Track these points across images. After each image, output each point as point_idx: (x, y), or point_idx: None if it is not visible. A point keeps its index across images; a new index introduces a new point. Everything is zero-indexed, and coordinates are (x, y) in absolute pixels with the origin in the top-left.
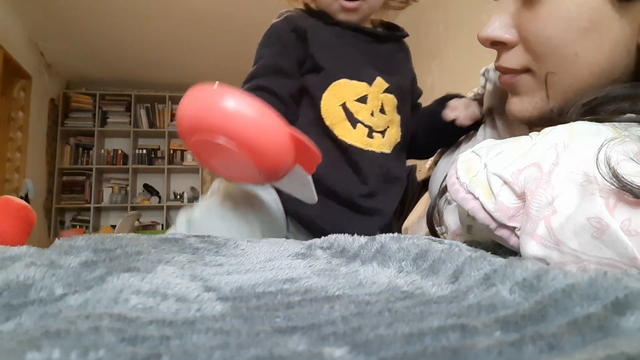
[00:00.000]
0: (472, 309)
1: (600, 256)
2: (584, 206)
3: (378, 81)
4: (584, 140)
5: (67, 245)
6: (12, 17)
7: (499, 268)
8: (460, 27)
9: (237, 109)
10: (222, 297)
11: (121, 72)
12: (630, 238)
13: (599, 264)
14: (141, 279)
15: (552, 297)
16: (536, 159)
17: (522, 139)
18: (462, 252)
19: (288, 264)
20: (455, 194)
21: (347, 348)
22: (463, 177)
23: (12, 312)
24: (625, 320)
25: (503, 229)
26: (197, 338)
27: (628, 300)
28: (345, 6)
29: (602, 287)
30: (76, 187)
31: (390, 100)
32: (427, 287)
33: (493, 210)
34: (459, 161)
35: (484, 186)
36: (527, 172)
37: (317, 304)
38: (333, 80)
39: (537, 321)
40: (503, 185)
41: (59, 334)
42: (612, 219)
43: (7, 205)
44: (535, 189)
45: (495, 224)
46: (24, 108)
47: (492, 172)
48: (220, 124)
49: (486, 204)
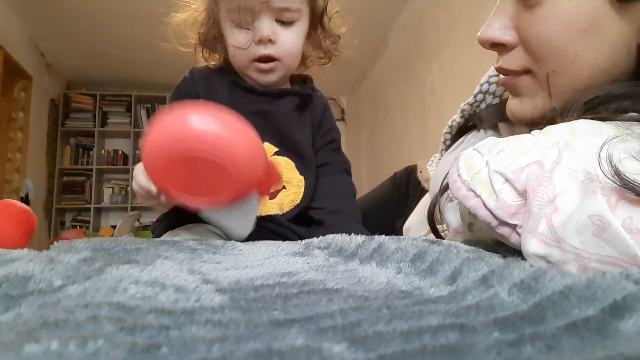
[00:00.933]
0: (470, 309)
1: (601, 254)
2: (586, 204)
3: (265, 145)
4: (586, 138)
5: (66, 245)
6: (13, 17)
7: (497, 269)
8: (460, 28)
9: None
10: (220, 289)
11: (121, 72)
12: (632, 236)
13: (600, 262)
14: (140, 270)
15: (550, 299)
16: (538, 157)
17: (524, 137)
18: (460, 253)
19: (286, 261)
20: (456, 192)
21: (346, 344)
22: (464, 175)
23: (12, 303)
24: (623, 324)
25: (504, 227)
26: (196, 329)
27: (626, 302)
28: (260, 68)
29: (600, 288)
30: (76, 188)
31: (283, 162)
32: (426, 287)
33: (494, 208)
34: (460, 159)
35: (486, 184)
36: (528, 170)
37: (315, 297)
38: None
39: (536, 322)
40: (505, 183)
41: (58, 324)
42: (613, 217)
43: (9, 209)
44: (537, 187)
45: (497, 222)
46: (24, 108)
47: (494, 170)
48: (208, 139)
49: (487, 202)
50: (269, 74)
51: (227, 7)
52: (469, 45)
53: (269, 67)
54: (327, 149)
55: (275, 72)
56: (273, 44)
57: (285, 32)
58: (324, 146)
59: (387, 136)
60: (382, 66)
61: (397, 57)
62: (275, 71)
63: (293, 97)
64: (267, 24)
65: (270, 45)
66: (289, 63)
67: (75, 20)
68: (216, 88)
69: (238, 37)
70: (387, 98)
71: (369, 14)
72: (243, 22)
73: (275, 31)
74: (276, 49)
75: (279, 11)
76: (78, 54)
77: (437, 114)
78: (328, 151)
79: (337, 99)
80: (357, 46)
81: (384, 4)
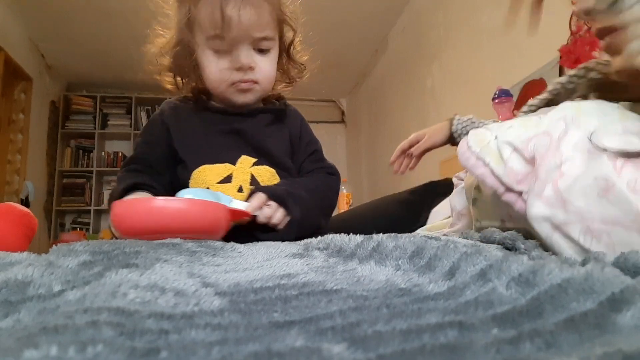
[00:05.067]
0: (469, 306)
1: (604, 214)
2: (592, 167)
3: (243, 158)
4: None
5: (65, 249)
6: (13, 19)
7: (495, 263)
8: (460, 29)
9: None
10: (220, 292)
11: (122, 74)
12: (636, 197)
13: (603, 223)
14: (139, 274)
15: (548, 292)
16: (546, 128)
17: (531, 117)
18: (458, 248)
19: (285, 262)
20: (465, 162)
21: (345, 344)
22: (474, 147)
23: (11, 309)
24: (621, 317)
25: (510, 194)
26: (195, 333)
27: (624, 295)
28: (241, 87)
29: (597, 281)
30: (76, 190)
31: (263, 170)
32: (424, 284)
33: (502, 174)
34: (470, 134)
35: (494, 154)
36: (536, 139)
37: (314, 298)
38: (194, 168)
39: (534, 318)
40: (513, 152)
41: (57, 329)
42: (618, 178)
43: (10, 212)
44: (545, 153)
45: (503, 189)
46: (24, 110)
47: (503, 141)
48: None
49: (496, 169)
50: (248, 93)
51: (206, 36)
52: (469, 47)
53: (247, 85)
54: (311, 160)
55: (253, 92)
56: (252, 70)
57: (263, 59)
58: (308, 157)
59: (387, 138)
60: (382, 68)
61: (397, 59)
62: (253, 91)
63: (264, 114)
64: (246, 53)
65: (250, 72)
66: (266, 86)
67: (75, 22)
68: (186, 117)
69: (219, 64)
70: (387, 100)
71: (368, 15)
72: (222, 49)
73: (254, 59)
74: (255, 75)
75: (257, 40)
76: (78, 56)
77: (437, 115)
78: (312, 162)
79: (337, 101)
80: (357, 47)
81: (384, 5)
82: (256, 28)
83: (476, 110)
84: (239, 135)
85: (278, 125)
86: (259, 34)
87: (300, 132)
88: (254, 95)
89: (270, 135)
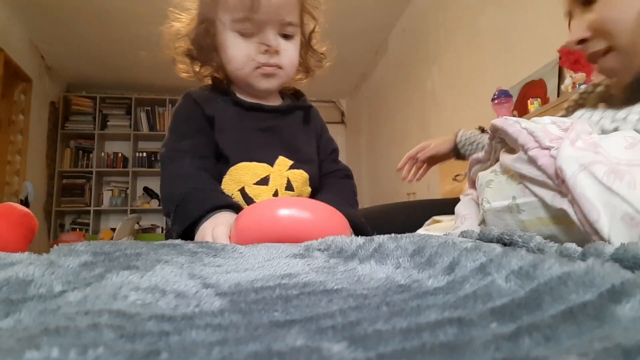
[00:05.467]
0: (468, 299)
1: (631, 159)
2: (618, 133)
3: (280, 160)
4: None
5: (66, 249)
6: (13, 20)
7: (495, 258)
8: (460, 31)
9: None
10: (220, 293)
11: (121, 75)
12: None
13: (627, 165)
14: (140, 276)
15: (547, 284)
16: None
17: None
18: (458, 245)
19: (286, 263)
20: (502, 122)
21: (345, 343)
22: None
23: (12, 308)
24: (621, 308)
25: (536, 150)
26: (195, 334)
27: (624, 287)
28: (266, 71)
29: (598, 275)
30: (76, 190)
31: (299, 175)
32: (424, 279)
33: (536, 131)
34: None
35: (533, 124)
36: (572, 121)
37: (315, 297)
38: (232, 164)
39: (533, 309)
40: (551, 124)
41: (58, 331)
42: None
43: (10, 212)
44: (580, 124)
45: (534, 144)
46: (24, 111)
47: (541, 119)
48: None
49: (530, 128)
50: (272, 78)
51: (232, 18)
52: (469, 49)
53: (272, 70)
54: (329, 160)
55: (276, 77)
56: (278, 54)
57: (287, 44)
58: (327, 157)
59: (387, 139)
60: (382, 69)
61: (397, 60)
62: (276, 77)
63: (299, 111)
64: (273, 35)
65: (276, 55)
66: (289, 72)
67: (75, 23)
68: (222, 109)
69: (244, 46)
70: (387, 101)
71: (369, 17)
72: (248, 32)
73: (279, 43)
74: (280, 59)
75: (284, 25)
76: (78, 57)
77: (437, 117)
78: (330, 162)
79: (337, 102)
80: (357, 49)
81: (384, 7)
82: (285, 11)
83: (476, 110)
84: (273, 133)
85: (307, 125)
86: (287, 18)
87: (321, 130)
88: (277, 81)
89: (302, 135)
